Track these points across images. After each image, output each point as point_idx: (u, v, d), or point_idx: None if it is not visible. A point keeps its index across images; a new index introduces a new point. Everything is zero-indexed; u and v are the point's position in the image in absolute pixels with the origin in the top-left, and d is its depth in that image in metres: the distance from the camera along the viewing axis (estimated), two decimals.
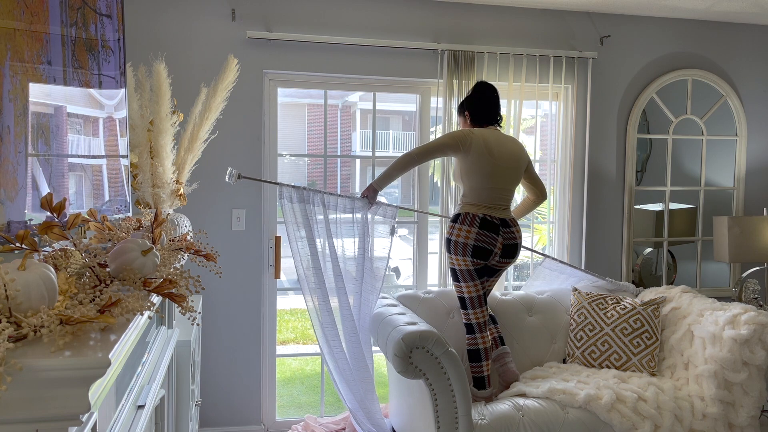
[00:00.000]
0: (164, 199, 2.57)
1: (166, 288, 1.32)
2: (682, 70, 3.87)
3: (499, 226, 2.83)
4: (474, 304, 2.86)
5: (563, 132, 3.66)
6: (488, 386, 2.84)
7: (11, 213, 1.25)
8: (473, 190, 2.86)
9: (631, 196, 3.84)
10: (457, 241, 2.83)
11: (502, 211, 2.88)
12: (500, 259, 2.87)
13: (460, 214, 2.87)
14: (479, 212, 2.83)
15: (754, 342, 2.76)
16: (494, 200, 2.86)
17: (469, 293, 2.86)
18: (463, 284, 2.86)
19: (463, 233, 2.82)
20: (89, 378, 0.91)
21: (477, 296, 2.86)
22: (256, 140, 3.37)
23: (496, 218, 2.83)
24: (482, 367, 2.85)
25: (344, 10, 3.41)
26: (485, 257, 2.82)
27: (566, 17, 3.69)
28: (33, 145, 1.38)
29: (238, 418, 3.41)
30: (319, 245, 2.97)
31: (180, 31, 3.25)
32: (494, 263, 2.88)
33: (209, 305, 3.33)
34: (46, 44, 1.44)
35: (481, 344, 2.86)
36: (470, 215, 2.83)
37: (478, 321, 2.87)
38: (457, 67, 3.46)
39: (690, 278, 4.05)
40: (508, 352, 3.00)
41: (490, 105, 2.96)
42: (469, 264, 2.82)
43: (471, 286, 2.85)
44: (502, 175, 2.87)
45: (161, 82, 2.50)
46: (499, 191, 2.87)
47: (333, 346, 2.96)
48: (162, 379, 1.81)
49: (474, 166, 2.85)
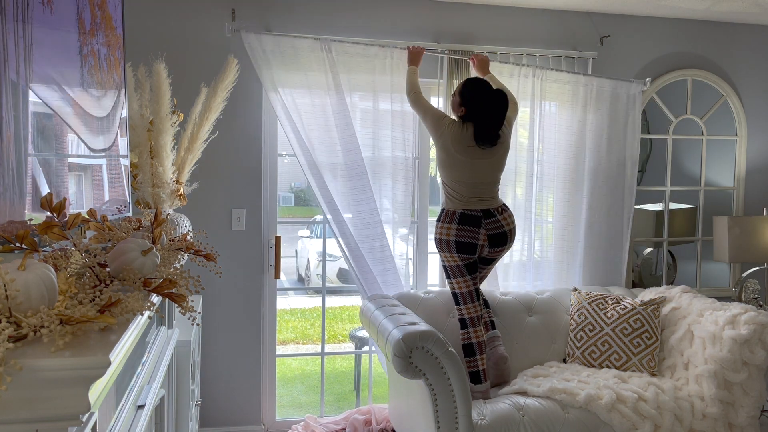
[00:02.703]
0: (164, 199, 2.57)
1: (166, 288, 1.32)
2: (682, 70, 3.87)
3: (482, 218, 2.86)
4: (466, 300, 2.92)
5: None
6: (484, 380, 2.87)
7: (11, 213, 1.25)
8: (451, 184, 2.93)
9: (631, 196, 3.83)
10: (440, 239, 2.92)
11: (486, 201, 2.90)
12: (491, 250, 2.91)
13: (442, 211, 2.96)
14: (459, 208, 2.89)
15: (754, 342, 2.76)
16: (473, 193, 2.89)
17: (460, 289, 2.92)
18: (454, 280, 2.93)
19: (445, 230, 2.89)
20: (89, 378, 0.91)
21: (468, 292, 2.91)
22: (255, 140, 3.37)
23: (477, 211, 2.87)
24: (477, 362, 2.88)
25: (344, 12, 3.41)
26: (471, 251, 2.87)
27: (566, 17, 3.69)
28: (33, 145, 1.38)
29: (238, 418, 3.41)
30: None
31: (180, 31, 3.25)
32: (486, 255, 2.93)
33: (209, 305, 3.33)
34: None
35: (474, 338, 2.90)
36: (450, 212, 2.91)
37: (471, 316, 2.91)
38: (457, 67, 3.46)
39: (690, 278, 4.05)
40: (499, 336, 3.05)
41: (492, 124, 2.83)
42: (457, 260, 2.88)
43: (461, 282, 2.91)
44: (480, 170, 2.88)
45: (161, 82, 2.50)
46: (478, 185, 2.89)
47: None
48: (162, 379, 1.81)
49: (446, 158, 2.91)
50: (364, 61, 3.31)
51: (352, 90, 3.34)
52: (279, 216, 3.52)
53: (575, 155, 3.62)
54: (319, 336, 5.37)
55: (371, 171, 3.34)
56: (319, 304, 6.85)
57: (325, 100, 3.27)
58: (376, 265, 3.30)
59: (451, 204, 2.92)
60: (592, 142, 3.63)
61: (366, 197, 3.29)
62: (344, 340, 6.83)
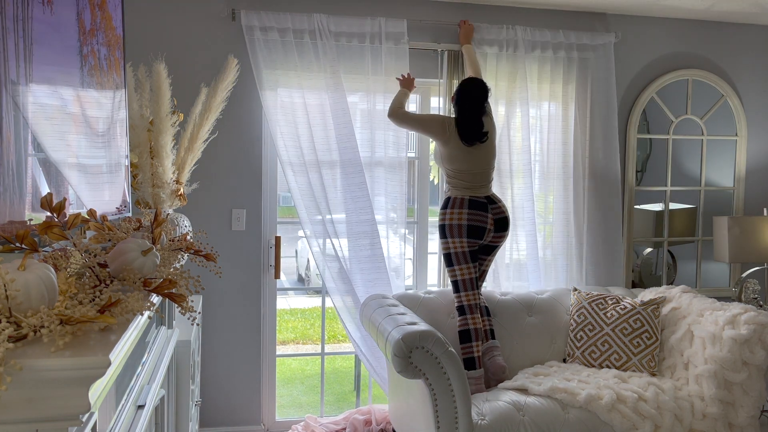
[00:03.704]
0: (164, 199, 2.57)
1: (166, 288, 1.32)
2: (682, 70, 3.87)
3: (486, 203, 3.01)
4: (467, 287, 2.99)
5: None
6: (479, 366, 2.92)
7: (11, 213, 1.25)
8: (457, 174, 3.03)
9: (631, 196, 3.84)
10: (451, 224, 2.99)
11: (487, 188, 3.08)
12: (495, 235, 3.04)
13: (449, 199, 3.04)
14: (466, 194, 3.01)
15: (754, 342, 2.76)
16: (477, 181, 3.03)
17: (462, 276, 2.99)
18: (457, 267, 2.99)
19: (456, 215, 2.98)
20: (89, 378, 0.91)
21: (470, 279, 2.99)
22: (255, 140, 3.37)
23: (482, 197, 3.02)
24: (472, 348, 2.93)
25: (344, 13, 3.41)
26: (480, 236, 2.99)
27: (566, 17, 3.69)
28: (33, 144, 1.38)
29: (238, 418, 3.41)
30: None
31: (180, 31, 3.25)
32: (489, 240, 3.04)
33: (209, 305, 3.33)
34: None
35: (471, 325, 2.96)
36: (458, 199, 3.01)
37: (470, 303, 2.99)
38: (457, 67, 3.46)
39: (690, 278, 4.05)
40: (497, 346, 3.06)
41: (474, 120, 3.01)
42: (465, 245, 2.97)
43: (464, 269, 2.98)
44: (480, 158, 3.04)
45: (161, 82, 2.50)
46: (480, 174, 3.04)
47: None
48: (162, 379, 1.81)
49: (454, 153, 3.02)
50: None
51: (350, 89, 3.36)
52: (279, 216, 3.52)
53: (575, 155, 3.62)
54: (319, 336, 5.37)
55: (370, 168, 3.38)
56: (319, 304, 6.85)
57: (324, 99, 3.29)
58: (363, 266, 3.33)
59: (458, 191, 3.03)
60: (591, 142, 3.63)
61: (357, 195, 3.31)
62: (344, 340, 6.82)
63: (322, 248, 3.32)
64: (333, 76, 3.26)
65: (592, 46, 3.62)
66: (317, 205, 3.28)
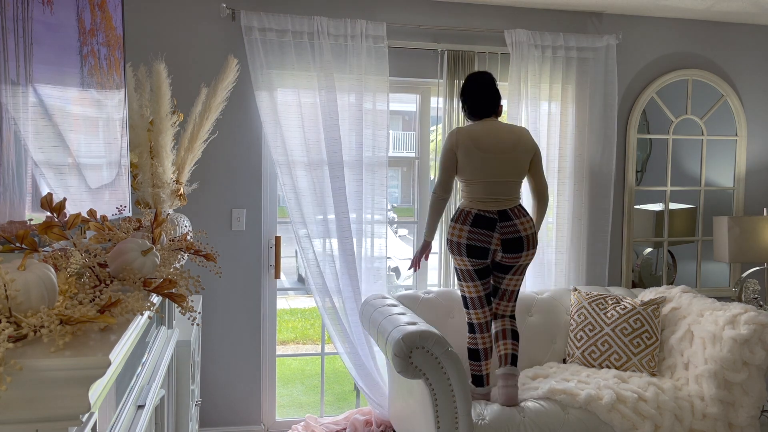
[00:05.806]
0: (164, 199, 2.57)
1: (166, 288, 1.32)
2: (682, 70, 3.87)
3: (497, 220, 2.72)
4: (474, 305, 2.84)
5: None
6: (486, 384, 2.84)
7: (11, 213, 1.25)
8: (467, 185, 2.83)
9: (631, 196, 3.84)
10: (452, 240, 2.79)
11: (503, 203, 2.76)
12: (504, 255, 2.74)
13: (457, 211, 2.84)
14: (474, 208, 2.76)
15: (754, 342, 2.76)
16: (490, 194, 2.76)
17: (470, 293, 2.84)
18: (464, 284, 2.85)
19: (457, 232, 2.77)
20: (89, 378, 0.91)
21: (477, 297, 2.82)
22: (255, 140, 3.37)
23: (493, 212, 2.73)
24: (481, 367, 2.84)
25: (344, 13, 3.41)
26: (483, 256, 2.74)
27: (566, 17, 3.69)
28: (33, 145, 1.38)
29: (238, 418, 3.41)
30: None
31: (180, 31, 3.25)
32: (500, 260, 2.77)
33: (209, 305, 3.33)
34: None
35: (481, 345, 2.84)
36: (465, 212, 2.78)
37: (479, 321, 2.84)
38: (457, 67, 3.46)
39: (690, 278, 4.05)
40: (515, 375, 2.74)
41: (481, 98, 2.86)
42: (467, 264, 2.78)
43: (471, 287, 2.83)
44: (496, 167, 2.77)
45: (161, 82, 2.50)
46: (495, 184, 2.76)
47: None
48: (162, 379, 1.81)
49: (463, 161, 2.80)
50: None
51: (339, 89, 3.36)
52: (279, 216, 3.52)
53: (575, 155, 3.62)
54: (319, 336, 5.37)
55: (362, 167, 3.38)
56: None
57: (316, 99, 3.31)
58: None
59: (466, 203, 2.81)
60: (591, 142, 3.63)
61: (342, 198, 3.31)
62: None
63: (309, 249, 3.32)
64: (326, 78, 3.26)
65: (593, 48, 3.62)
66: (309, 206, 3.29)
